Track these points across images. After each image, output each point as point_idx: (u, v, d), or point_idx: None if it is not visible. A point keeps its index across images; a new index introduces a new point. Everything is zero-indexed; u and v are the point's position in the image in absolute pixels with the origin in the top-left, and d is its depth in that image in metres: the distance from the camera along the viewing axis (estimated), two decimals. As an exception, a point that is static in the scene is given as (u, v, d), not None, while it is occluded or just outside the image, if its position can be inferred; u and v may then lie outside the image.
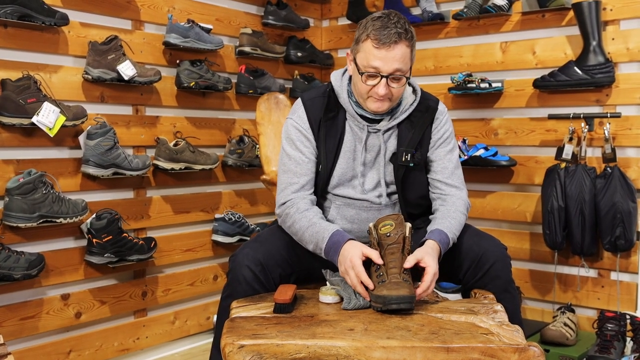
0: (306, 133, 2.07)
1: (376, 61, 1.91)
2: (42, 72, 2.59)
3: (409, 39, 1.93)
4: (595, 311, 3.04)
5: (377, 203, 2.07)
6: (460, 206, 2.05)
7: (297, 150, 2.06)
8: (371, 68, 1.92)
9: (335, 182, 2.07)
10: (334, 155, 2.06)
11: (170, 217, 3.11)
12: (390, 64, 1.91)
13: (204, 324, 3.30)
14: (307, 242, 1.95)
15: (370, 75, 1.94)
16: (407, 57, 1.94)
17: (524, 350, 1.51)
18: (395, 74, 1.93)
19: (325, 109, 2.07)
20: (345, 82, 2.09)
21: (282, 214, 2.04)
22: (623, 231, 2.83)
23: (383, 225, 1.83)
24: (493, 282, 1.94)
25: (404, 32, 1.91)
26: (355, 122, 2.06)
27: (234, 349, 1.52)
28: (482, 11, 3.24)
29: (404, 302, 1.68)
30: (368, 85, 1.95)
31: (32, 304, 2.60)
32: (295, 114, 2.11)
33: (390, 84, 1.94)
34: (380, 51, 1.90)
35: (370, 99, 1.98)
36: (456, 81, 3.29)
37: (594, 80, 2.93)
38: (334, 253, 1.88)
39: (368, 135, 2.06)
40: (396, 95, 1.98)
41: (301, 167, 2.05)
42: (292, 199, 2.02)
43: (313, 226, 1.94)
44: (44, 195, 2.46)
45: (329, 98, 2.09)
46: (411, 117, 2.08)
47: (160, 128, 3.05)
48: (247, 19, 3.47)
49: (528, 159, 3.22)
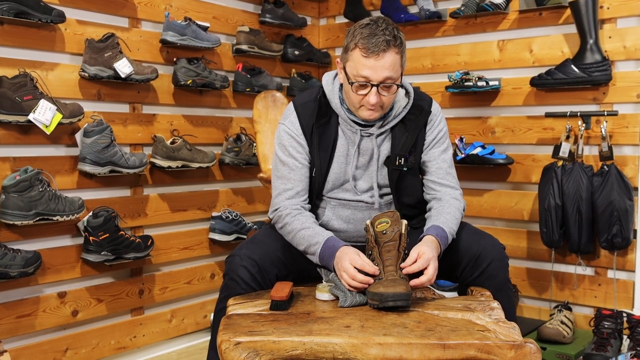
0: (299, 139, 2.06)
1: (365, 70, 1.89)
2: (39, 70, 2.59)
3: (397, 46, 1.90)
4: (592, 309, 3.04)
5: (370, 203, 2.07)
6: (455, 204, 2.05)
7: (290, 157, 2.06)
8: (361, 77, 1.90)
9: (329, 186, 2.08)
10: (328, 160, 2.06)
11: (167, 215, 3.11)
12: (379, 73, 1.89)
13: (201, 322, 3.29)
14: (299, 245, 1.97)
15: (361, 85, 1.92)
16: (397, 64, 1.91)
17: (521, 347, 1.52)
18: (385, 82, 1.91)
19: (317, 115, 2.06)
20: (336, 87, 2.07)
21: (276, 219, 2.05)
22: (620, 229, 2.83)
23: (379, 223, 1.84)
24: (490, 280, 1.94)
25: (393, 39, 1.89)
26: (348, 127, 2.05)
27: (230, 345, 1.52)
28: (479, 9, 3.24)
29: (400, 299, 1.68)
30: (359, 95, 1.93)
31: (29, 301, 2.60)
32: (287, 120, 2.09)
33: (381, 92, 1.92)
34: (369, 60, 1.88)
35: (362, 108, 1.97)
36: (453, 79, 3.29)
37: (591, 78, 2.93)
38: (329, 257, 1.89)
39: (361, 139, 2.05)
40: (388, 103, 1.97)
41: (294, 173, 2.05)
42: (285, 205, 2.03)
43: (306, 229, 1.95)
44: (40, 192, 2.46)
45: (320, 103, 2.07)
46: (405, 120, 2.06)
47: (157, 126, 3.05)
48: (244, 17, 3.47)
49: (525, 157, 3.23)
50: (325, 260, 1.90)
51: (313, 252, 1.93)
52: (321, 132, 2.06)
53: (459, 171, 3.38)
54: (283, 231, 2.02)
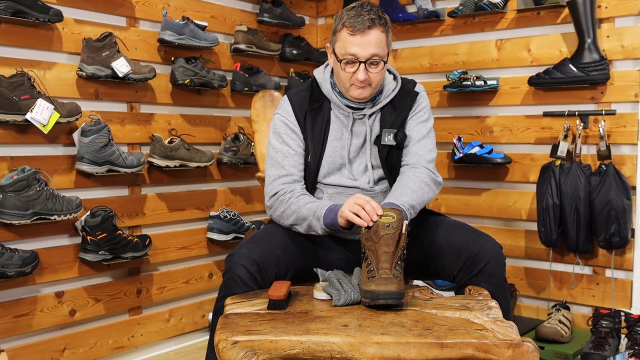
0: (292, 125, 2.12)
1: (353, 48, 1.97)
2: (36, 69, 2.58)
3: (382, 24, 2.00)
4: (590, 308, 3.04)
5: (368, 189, 2.09)
6: (422, 175, 2.05)
7: (283, 144, 2.11)
8: (349, 55, 1.98)
9: (325, 170, 2.11)
10: (322, 144, 2.10)
11: (165, 215, 3.11)
12: (366, 49, 1.97)
13: (198, 321, 3.29)
14: (305, 218, 1.98)
15: (349, 62, 1.99)
16: (383, 42, 2.00)
17: (518, 346, 1.52)
18: (372, 59, 1.99)
19: (309, 100, 2.13)
20: (327, 75, 2.15)
21: (274, 203, 2.07)
22: (618, 228, 2.83)
23: (385, 215, 1.80)
24: (486, 280, 1.93)
25: (377, 17, 1.98)
26: (341, 111, 2.11)
27: (227, 344, 1.52)
28: (478, 9, 3.24)
29: (391, 297, 1.67)
30: (348, 73, 2.00)
31: (26, 301, 2.60)
32: (281, 109, 2.17)
33: (368, 69, 1.99)
34: (356, 37, 1.97)
35: (353, 86, 2.03)
36: (451, 79, 3.29)
37: (589, 77, 2.93)
38: (333, 215, 1.91)
39: (354, 122, 2.10)
40: (376, 80, 2.03)
41: (289, 160, 2.09)
42: (283, 189, 2.06)
43: (310, 204, 1.99)
44: (37, 192, 2.45)
45: (312, 89, 2.15)
46: (393, 101, 2.13)
47: (155, 125, 3.04)
48: (242, 17, 3.46)
49: (523, 156, 3.23)
50: (329, 219, 1.93)
51: (319, 216, 1.95)
52: (314, 117, 2.12)
53: (457, 170, 3.42)
54: (287, 212, 2.02)
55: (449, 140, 3.39)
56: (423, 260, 2.03)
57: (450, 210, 3.45)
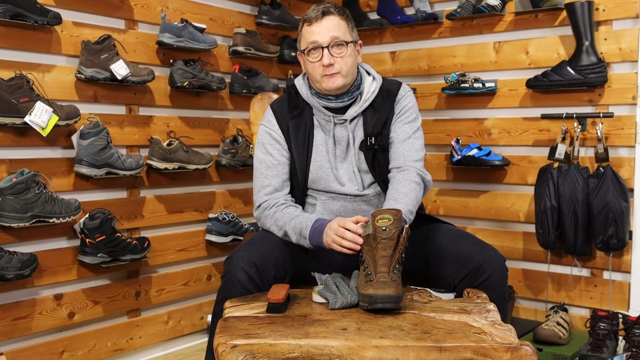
0: (276, 135, 2.13)
1: (312, 36, 2.03)
2: (35, 72, 2.59)
3: (339, 12, 2.06)
4: (588, 310, 3.05)
5: (358, 195, 2.09)
6: (411, 175, 2.03)
7: (267, 154, 2.13)
8: (311, 44, 2.04)
9: (313, 176, 2.11)
10: (307, 150, 2.11)
11: (164, 217, 3.11)
12: (325, 34, 2.02)
13: (197, 324, 3.29)
14: (291, 236, 1.99)
15: (312, 50, 2.04)
16: (343, 26, 2.05)
17: (516, 349, 1.52)
18: (334, 42, 2.02)
19: (289, 106, 2.15)
20: (306, 81, 2.17)
21: (260, 216, 2.09)
22: (615, 230, 2.84)
23: (381, 218, 1.78)
24: (488, 292, 1.92)
25: (333, 7, 2.05)
26: (322, 116, 2.11)
27: (226, 348, 1.52)
28: (476, 11, 3.25)
29: (389, 301, 1.67)
30: (314, 63, 2.03)
31: (25, 304, 2.60)
32: (265, 119, 2.19)
33: (332, 53, 2.02)
34: (312, 26, 2.04)
35: (324, 78, 2.04)
36: (450, 81, 3.30)
37: (587, 80, 2.94)
38: (318, 236, 1.91)
39: (334, 127, 2.10)
40: (344, 67, 2.04)
41: (272, 170, 2.11)
42: (267, 200, 2.07)
43: (295, 219, 1.98)
44: (36, 195, 2.46)
45: (290, 94, 2.17)
46: (374, 103, 2.13)
47: (153, 128, 3.05)
48: (240, 19, 3.47)
49: (521, 158, 3.23)
50: (315, 240, 1.93)
51: (305, 236, 1.95)
52: (297, 123, 2.12)
53: (455, 172, 3.42)
54: (274, 228, 2.04)
55: (447, 143, 3.39)
56: (424, 267, 2.02)
57: (449, 212, 3.45)
